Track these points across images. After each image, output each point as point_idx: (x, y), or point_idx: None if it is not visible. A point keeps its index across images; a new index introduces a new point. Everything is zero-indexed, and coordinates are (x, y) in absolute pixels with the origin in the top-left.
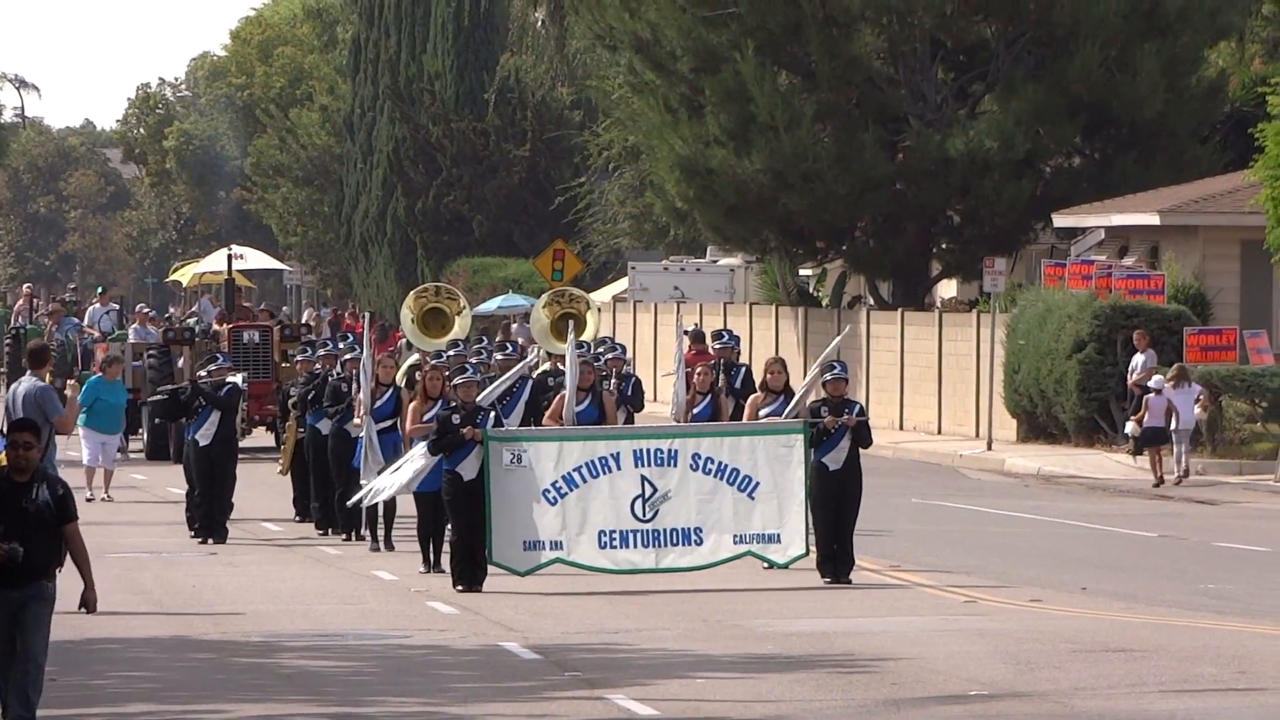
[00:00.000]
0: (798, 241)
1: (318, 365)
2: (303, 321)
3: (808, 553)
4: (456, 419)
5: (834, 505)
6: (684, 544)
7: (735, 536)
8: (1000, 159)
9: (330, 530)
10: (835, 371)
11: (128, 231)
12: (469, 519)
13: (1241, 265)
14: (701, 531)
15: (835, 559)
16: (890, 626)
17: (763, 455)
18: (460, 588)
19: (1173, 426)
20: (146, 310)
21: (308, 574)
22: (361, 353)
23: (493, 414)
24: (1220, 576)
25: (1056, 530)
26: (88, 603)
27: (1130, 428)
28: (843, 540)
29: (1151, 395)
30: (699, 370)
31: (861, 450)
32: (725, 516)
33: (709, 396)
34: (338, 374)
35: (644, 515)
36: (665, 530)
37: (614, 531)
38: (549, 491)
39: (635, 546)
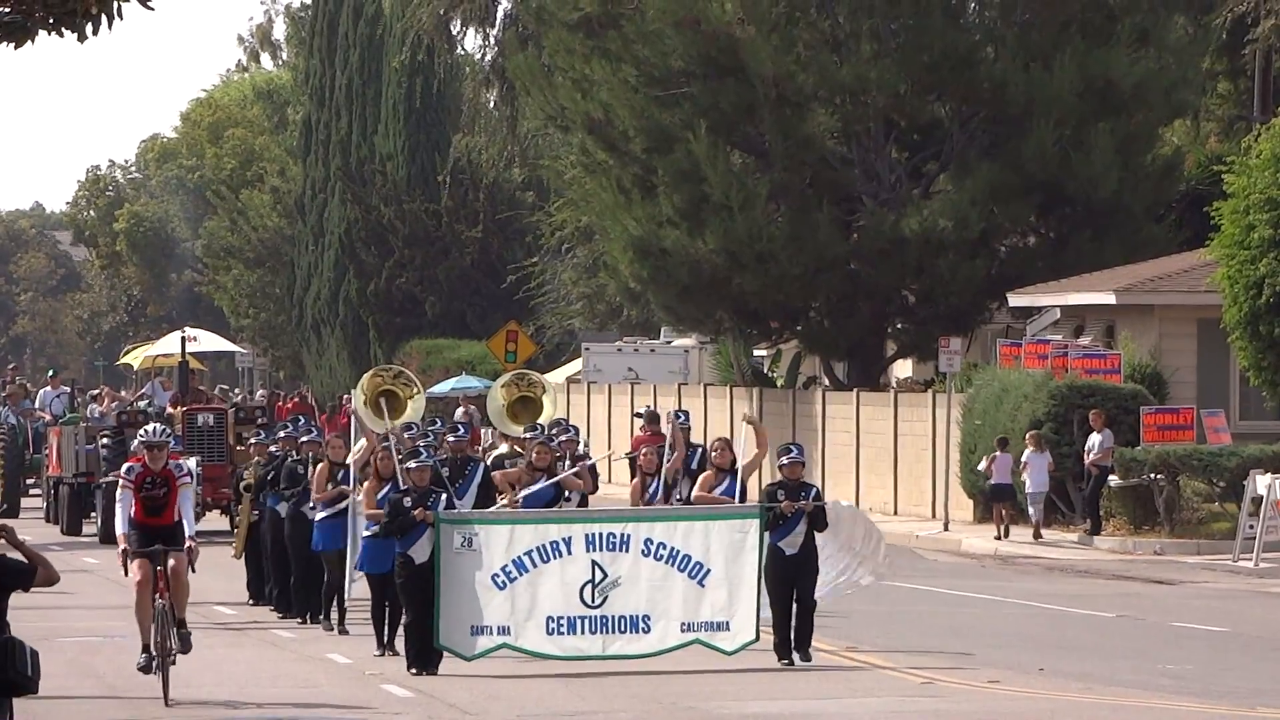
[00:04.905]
0: (752, 322)
1: (273, 448)
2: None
3: (758, 638)
4: (408, 501)
5: (789, 589)
6: (632, 631)
7: (683, 625)
8: (955, 238)
9: (288, 613)
10: (791, 454)
11: (78, 314)
12: (422, 601)
13: (1198, 344)
14: (650, 619)
15: (793, 641)
16: (847, 708)
17: (716, 541)
18: (414, 670)
19: (1027, 489)
20: (109, 391)
21: (262, 657)
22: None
23: (444, 496)
24: (1178, 657)
25: (1014, 611)
26: None
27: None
28: (802, 621)
29: (997, 454)
30: (643, 451)
31: (817, 534)
32: (674, 604)
33: (658, 478)
34: (294, 457)
35: (593, 601)
36: (613, 617)
37: (562, 618)
38: (498, 576)
39: (583, 633)
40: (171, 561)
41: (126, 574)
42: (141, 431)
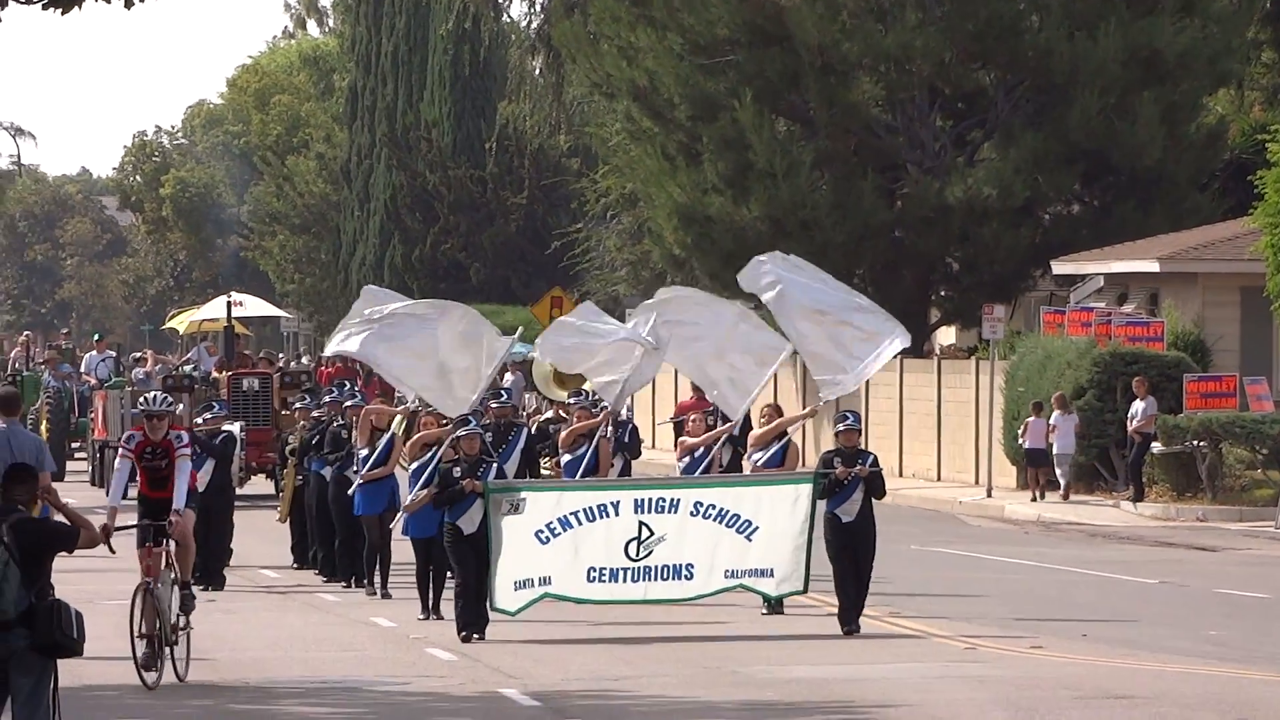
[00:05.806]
0: None
1: (317, 412)
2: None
3: (805, 590)
4: (458, 471)
5: (850, 557)
6: (675, 579)
7: (727, 571)
8: (999, 206)
9: (332, 577)
10: (848, 422)
11: (124, 279)
12: (472, 568)
13: (1241, 312)
14: (693, 567)
15: (853, 609)
16: (890, 673)
17: (766, 503)
18: (462, 635)
19: (1054, 451)
20: (152, 353)
21: (306, 621)
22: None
23: (494, 466)
24: (1221, 623)
25: (1056, 577)
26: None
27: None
28: (859, 589)
29: (1032, 419)
30: (692, 417)
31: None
32: (720, 555)
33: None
34: (339, 421)
35: (636, 555)
36: (656, 567)
37: (604, 568)
38: (541, 532)
39: (624, 582)
40: (173, 528)
41: (112, 551)
42: (142, 400)
